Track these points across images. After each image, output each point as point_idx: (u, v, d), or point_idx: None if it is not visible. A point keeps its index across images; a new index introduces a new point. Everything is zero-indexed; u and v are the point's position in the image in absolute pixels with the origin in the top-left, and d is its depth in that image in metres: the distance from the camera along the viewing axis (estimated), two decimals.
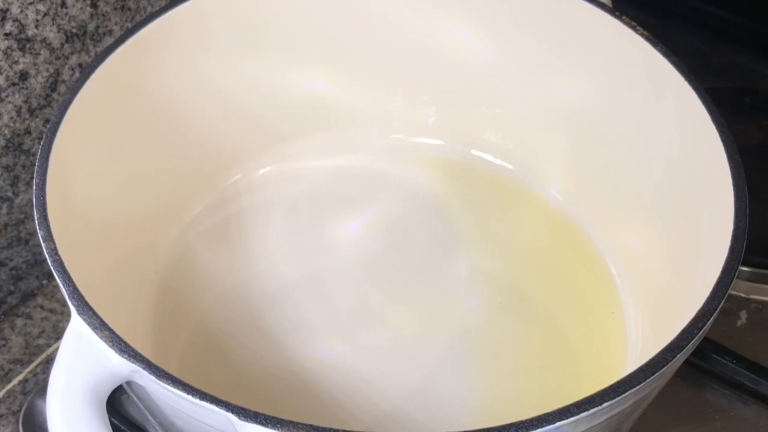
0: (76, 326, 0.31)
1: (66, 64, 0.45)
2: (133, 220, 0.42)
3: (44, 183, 0.34)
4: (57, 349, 0.31)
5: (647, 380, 0.29)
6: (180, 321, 0.42)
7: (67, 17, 0.44)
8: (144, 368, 0.29)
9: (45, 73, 0.44)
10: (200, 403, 0.28)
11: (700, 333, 0.31)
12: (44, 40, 0.43)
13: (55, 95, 0.45)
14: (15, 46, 0.42)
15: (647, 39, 0.40)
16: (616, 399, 0.28)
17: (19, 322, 0.48)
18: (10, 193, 0.45)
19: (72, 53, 0.45)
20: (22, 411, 0.43)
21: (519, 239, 0.46)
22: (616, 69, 0.43)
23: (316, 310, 0.43)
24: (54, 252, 0.32)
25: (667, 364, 0.29)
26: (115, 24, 0.47)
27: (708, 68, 0.53)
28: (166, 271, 0.44)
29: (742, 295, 0.48)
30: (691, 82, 0.39)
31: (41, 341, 0.47)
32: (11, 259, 0.47)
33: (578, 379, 0.41)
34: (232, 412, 0.28)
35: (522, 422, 0.27)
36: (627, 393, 0.29)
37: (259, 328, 0.42)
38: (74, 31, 0.44)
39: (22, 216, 0.46)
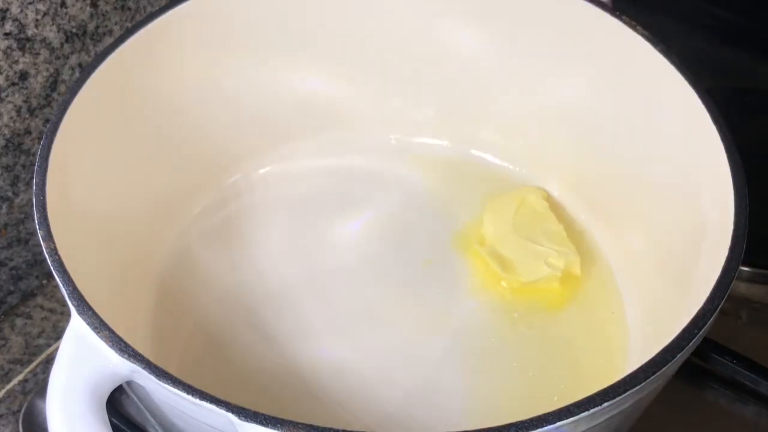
0: (76, 326, 0.31)
1: (66, 64, 0.45)
2: (133, 219, 0.42)
3: (44, 183, 0.34)
4: (57, 349, 0.31)
5: (647, 380, 0.29)
6: (180, 321, 0.42)
7: (67, 17, 0.44)
8: (144, 368, 0.29)
9: (45, 73, 0.44)
10: (200, 403, 0.28)
11: (700, 333, 0.31)
12: (44, 39, 0.43)
13: (55, 95, 0.45)
14: (15, 45, 0.42)
15: (647, 39, 0.40)
16: (616, 399, 0.28)
17: (19, 322, 0.48)
18: (10, 193, 0.45)
19: (72, 53, 0.45)
20: (22, 411, 0.43)
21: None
22: (616, 69, 0.43)
23: (316, 311, 0.43)
24: (54, 252, 0.32)
25: (667, 364, 0.29)
26: (115, 24, 0.47)
27: (708, 68, 0.53)
28: (166, 271, 0.44)
29: (742, 295, 0.48)
30: (691, 82, 0.39)
31: (41, 341, 0.47)
32: (11, 259, 0.47)
33: (578, 379, 0.41)
34: (232, 412, 0.28)
35: (522, 422, 0.27)
36: (627, 393, 0.29)
37: (259, 328, 0.42)
38: (74, 30, 0.44)
39: (22, 216, 0.46)
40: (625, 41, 0.41)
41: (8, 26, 0.41)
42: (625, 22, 0.41)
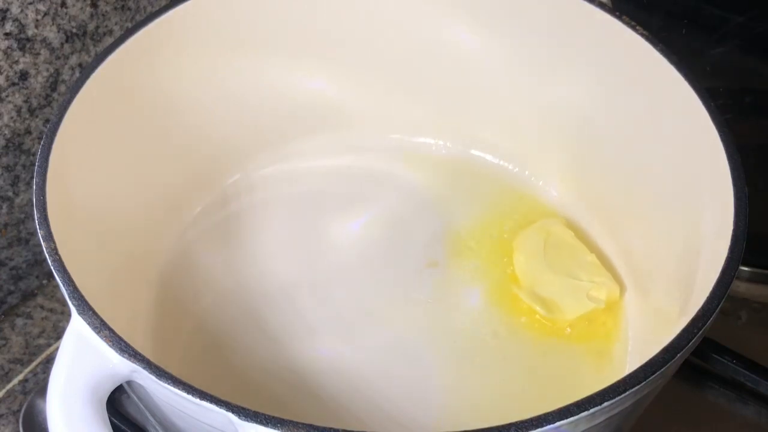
0: (76, 326, 0.31)
1: (66, 64, 0.45)
2: (133, 220, 0.42)
3: (44, 183, 0.34)
4: (57, 349, 0.31)
5: (647, 380, 0.29)
6: (180, 321, 0.42)
7: (67, 17, 0.44)
8: (144, 368, 0.29)
9: (45, 73, 0.44)
10: (200, 402, 0.28)
11: (700, 333, 0.31)
12: (44, 39, 0.43)
13: (55, 95, 0.45)
14: (15, 45, 0.42)
15: (647, 39, 0.40)
16: (616, 399, 0.28)
17: (19, 321, 0.48)
18: (10, 193, 0.45)
19: (72, 53, 0.45)
20: (22, 411, 0.43)
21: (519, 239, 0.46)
22: (615, 69, 0.43)
23: (316, 310, 0.43)
24: (54, 252, 0.32)
25: (667, 364, 0.29)
26: (115, 24, 0.47)
27: (708, 68, 0.53)
28: (166, 271, 0.44)
29: (742, 295, 0.48)
30: (691, 82, 0.39)
31: (41, 341, 0.47)
32: (11, 259, 0.47)
33: (578, 379, 0.41)
34: (232, 412, 0.28)
35: (522, 422, 0.27)
36: (627, 393, 0.29)
37: (259, 328, 0.42)
38: (74, 31, 0.44)
39: (22, 216, 0.46)
40: (625, 41, 0.41)
41: (8, 26, 0.41)
42: (625, 22, 0.41)
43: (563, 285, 0.43)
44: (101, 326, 0.30)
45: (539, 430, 0.27)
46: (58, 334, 0.47)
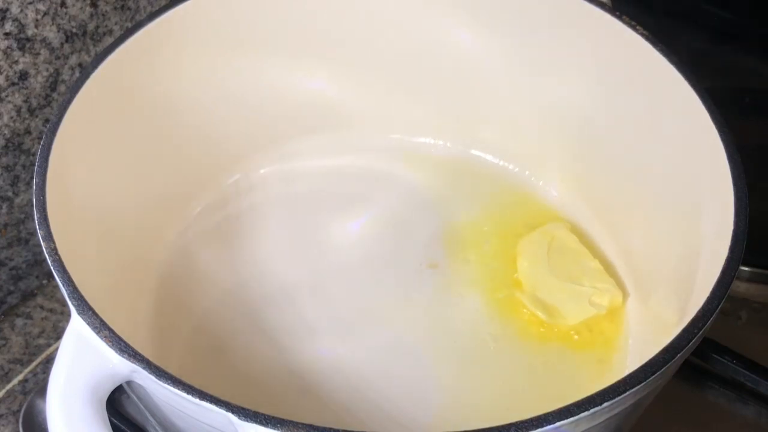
0: (76, 326, 0.31)
1: (66, 64, 0.45)
2: (133, 219, 0.42)
3: (44, 183, 0.34)
4: (57, 349, 0.31)
5: (647, 380, 0.29)
6: (180, 321, 0.42)
7: (67, 17, 0.44)
8: (144, 368, 0.29)
9: (45, 73, 0.44)
10: (200, 403, 0.28)
11: (700, 333, 0.31)
12: (44, 39, 0.43)
13: (55, 95, 0.45)
14: (15, 45, 0.42)
15: (647, 39, 0.40)
16: (616, 399, 0.28)
17: (19, 322, 0.48)
18: (10, 193, 0.45)
19: (72, 53, 0.45)
20: (22, 411, 0.43)
21: (518, 239, 0.46)
22: (616, 69, 0.43)
23: (316, 310, 0.43)
24: (54, 252, 0.32)
25: (667, 364, 0.29)
26: (115, 24, 0.47)
27: (708, 68, 0.53)
28: (166, 271, 0.44)
29: (742, 295, 0.48)
30: (691, 82, 0.39)
31: (41, 341, 0.47)
32: (11, 259, 0.47)
33: (578, 379, 0.41)
34: (232, 412, 0.28)
35: (522, 422, 0.27)
36: (627, 393, 0.29)
37: (259, 328, 0.42)
38: (74, 30, 0.44)
39: (22, 216, 0.46)
40: (625, 41, 0.41)
41: (8, 26, 0.41)
42: (625, 22, 0.41)
43: (565, 290, 0.43)
44: (101, 326, 0.30)
45: (539, 430, 0.27)
46: (58, 334, 0.47)
